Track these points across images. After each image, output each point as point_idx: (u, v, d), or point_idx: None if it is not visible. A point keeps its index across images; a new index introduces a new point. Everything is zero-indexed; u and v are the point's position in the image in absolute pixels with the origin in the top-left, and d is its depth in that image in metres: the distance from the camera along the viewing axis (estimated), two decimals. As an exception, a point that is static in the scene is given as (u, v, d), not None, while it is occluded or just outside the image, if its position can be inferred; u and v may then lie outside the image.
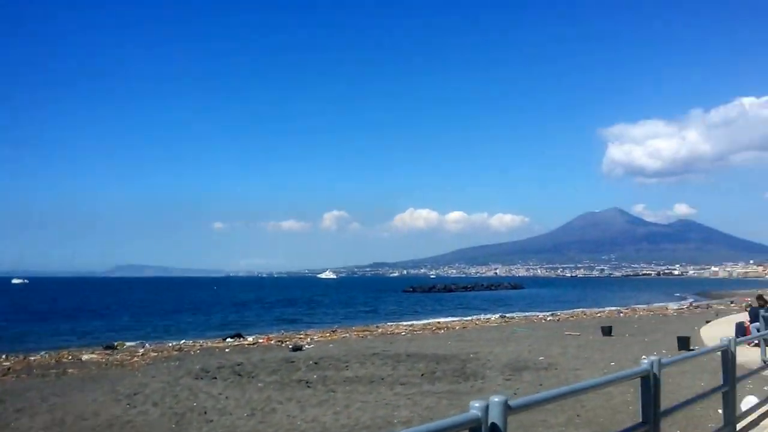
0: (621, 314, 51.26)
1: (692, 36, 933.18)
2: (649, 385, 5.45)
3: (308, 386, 16.75)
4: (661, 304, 71.82)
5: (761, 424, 10.56)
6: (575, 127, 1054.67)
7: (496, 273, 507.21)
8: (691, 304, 70.38)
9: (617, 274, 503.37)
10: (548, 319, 46.31)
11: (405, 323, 45.45)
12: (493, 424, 3.32)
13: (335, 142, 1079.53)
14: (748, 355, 16.34)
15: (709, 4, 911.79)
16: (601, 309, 62.26)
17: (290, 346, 27.65)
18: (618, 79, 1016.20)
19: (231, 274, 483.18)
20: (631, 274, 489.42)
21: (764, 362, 11.63)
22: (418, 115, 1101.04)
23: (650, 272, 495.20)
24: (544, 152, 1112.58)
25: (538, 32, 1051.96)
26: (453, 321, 47.66)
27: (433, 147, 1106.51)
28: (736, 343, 9.27)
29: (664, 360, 5.53)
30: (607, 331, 28.19)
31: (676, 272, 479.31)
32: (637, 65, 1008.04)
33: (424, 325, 42.48)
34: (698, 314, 46.35)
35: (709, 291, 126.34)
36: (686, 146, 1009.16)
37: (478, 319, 48.07)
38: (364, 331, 38.57)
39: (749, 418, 10.71)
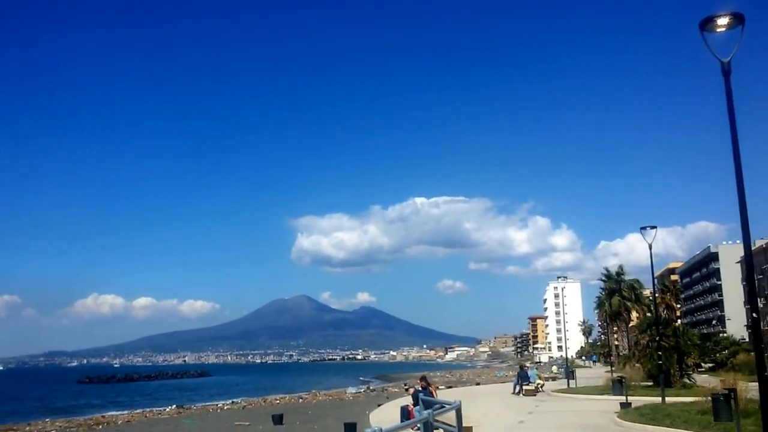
0: (301, 400, 50.37)
1: (372, 140, 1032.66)
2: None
3: None
4: (341, 388, 72.81)
5: None
6: (266, 216, 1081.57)
7: (185, 360, 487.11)
8: (368, 387, 72.66)
9: (305, 359, 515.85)
10: (226, 408, 43.49)
11: (62, 420, 39.12)
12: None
13: (6, 218, 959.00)
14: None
15: (382, 119, 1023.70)
16: (283, 395, 61.00)
17: None
18: (306, 172, 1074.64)
19: None
20: (318, 359, 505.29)
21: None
22: (99, 199, 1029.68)
23: (336, 357, 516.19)
24: (235, 238, 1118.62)
25: (229, 117, 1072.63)
26: (122, 414, 42.42)
27: (121, 228, 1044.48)
28: (386, 434, 8.00)
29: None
30: (277, 419, 26.46)
31: (360, 356, 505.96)
32: (321, 161, 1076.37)
33: (84, 420, 36.85)
34: (373, 397, 47.20)
35: (388, 374, 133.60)
36: (368, 239, 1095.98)
37: (150, 411, 43.33)
38: (8, 430, 32.38)
39: None
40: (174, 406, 48.62)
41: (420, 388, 21.93)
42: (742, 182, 10.22)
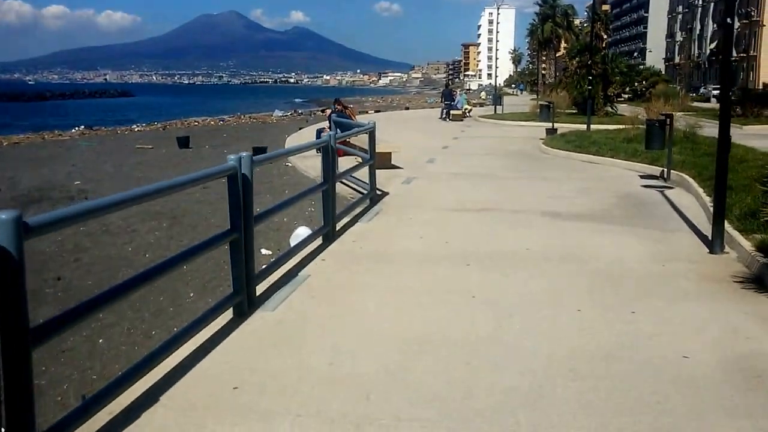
0: (222, 122, 48.65)
1: None
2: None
3: None
4: (268, 111, 70.91)
5: (305, 271, 7.52)
6: None
7: (106, 79, 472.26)
8: (294, 111, 71.05)
9: (236, 81, 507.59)
10: (138, 130, 41.15)
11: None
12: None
13: None
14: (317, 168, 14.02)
15: None
16: (204, 117, 58.76)
17: None
18: None
19: None
20: (250, 81, 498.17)
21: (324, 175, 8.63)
22: None
23: (268, 80, 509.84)
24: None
25: None
26: (16, 136, 39.08)
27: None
28: (254, 163, 5.93)
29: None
30: (183, 142, 24.41)
31: (292, 80, 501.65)
32: None
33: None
34: (298, 121, 45.82)
35: (320, 98, 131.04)
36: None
37: (50, 133, 40.22)
38: None
39: (290, 264, 7.69)
40: (82, 127, 45.61)
41: (337, 111, 20.06)
42: None
